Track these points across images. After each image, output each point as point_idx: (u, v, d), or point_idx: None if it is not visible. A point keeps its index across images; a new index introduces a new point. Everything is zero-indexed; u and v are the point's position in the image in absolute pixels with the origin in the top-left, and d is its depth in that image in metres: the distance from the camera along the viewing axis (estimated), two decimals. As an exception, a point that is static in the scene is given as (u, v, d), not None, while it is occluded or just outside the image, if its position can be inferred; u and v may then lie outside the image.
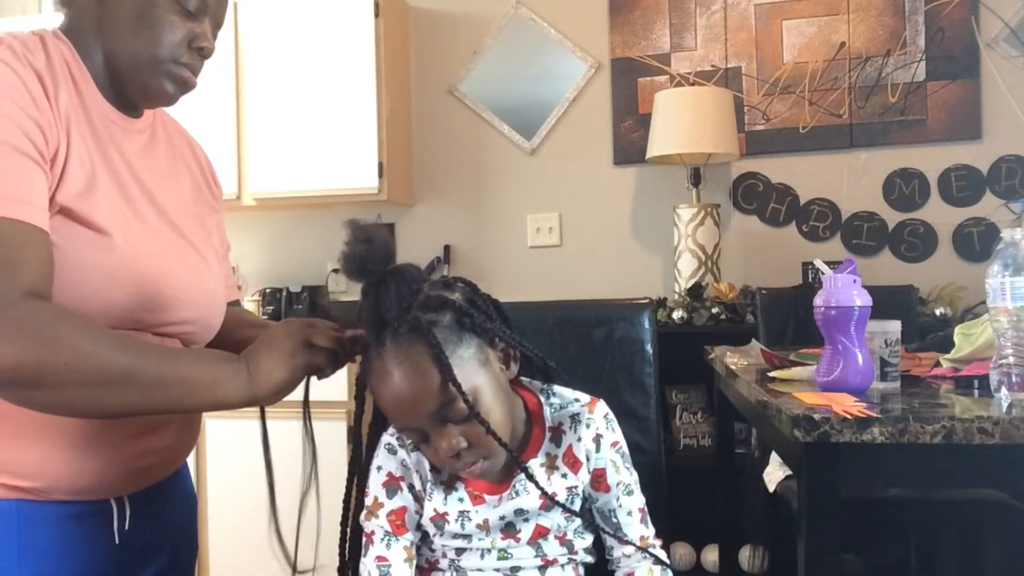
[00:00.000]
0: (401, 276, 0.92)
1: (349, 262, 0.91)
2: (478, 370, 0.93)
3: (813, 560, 1.06)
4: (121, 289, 0.96)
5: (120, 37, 1.00)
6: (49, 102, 0.93)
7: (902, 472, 1.10)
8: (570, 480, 1.02)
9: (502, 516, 1.01)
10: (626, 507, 1.05)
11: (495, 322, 0.97)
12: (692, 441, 2.78)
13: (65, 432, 0.96)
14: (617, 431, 1.06)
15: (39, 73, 0.93)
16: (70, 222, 0.93)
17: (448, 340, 0.90)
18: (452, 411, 0.91)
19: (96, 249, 0.94)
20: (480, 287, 1.00)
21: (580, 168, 3.16)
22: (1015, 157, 2.85)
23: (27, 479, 0.96)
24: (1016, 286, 1.07)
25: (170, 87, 1.04)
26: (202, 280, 1.10)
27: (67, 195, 0.93)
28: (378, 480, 1.03)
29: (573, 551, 1.04)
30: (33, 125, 0.90)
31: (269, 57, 3.03)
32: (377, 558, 1.00)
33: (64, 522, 0.99)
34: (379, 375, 0.91)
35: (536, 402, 1.05)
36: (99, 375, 0.86)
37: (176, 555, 1.17)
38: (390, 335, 0.90)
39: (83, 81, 1.00)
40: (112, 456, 1.00)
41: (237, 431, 2.66)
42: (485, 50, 3.22)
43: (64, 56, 0.99)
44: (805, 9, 2.98)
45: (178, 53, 1.02)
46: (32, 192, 0.88)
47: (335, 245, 0.93)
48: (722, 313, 2.66)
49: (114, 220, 0.97)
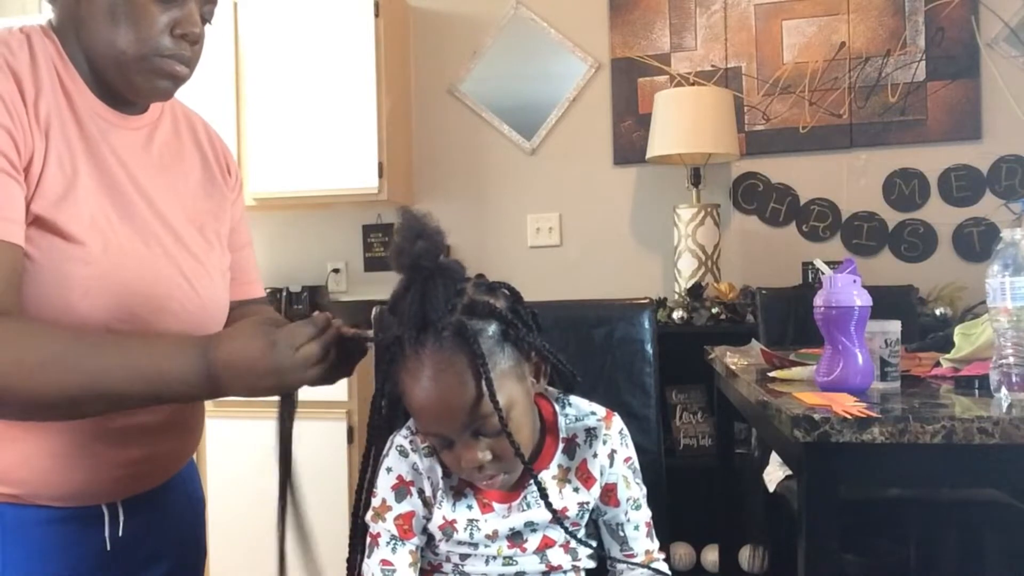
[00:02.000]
0: (448, 274, 0.88)
1: (403, 257, 0.87)
2: (515, 385, 0.91)
3: (813, 560, 1.06)
4: (96, 299, 0.92)
5: (98, 34, 0.95)
6: (26, 106, 0.90)
7: (902, 472, 1.10)
8: (582, 495, 1.01)
9: (512, 527, 0.99)
10: (634, 521, 1.04)
11: (535, 335, 0.94)
12: (692, 441, 2.78)
13: (47, 440, 0.93)
14: (630, 446, 1.05)
15: (18, 75, 0.90)
16: (44, 232, 0.90)
17: (491, 352, 0.88)
18: (485, 426, 0.89)
19: (70, 260, 0.91)
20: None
21: (580, 168, 3.16)
22: (1015, 157, 2.85)
23: (8, 485, 0.94)
24: (1016, 286, 1.07)
25: (158, 82, 0.98)
26: (196, 288, 1.05)
27: (42, 204, 0.90)
28: (387, 482, 1.00)
29: (577, 558, 1.03)
30: (4, 136, 0.86)
31: (269, 57, 3.03)
32: (382, 561, 0.98)
33: (50, 525, 0.96)
34: (414, 375, 0.88)
35: (551, 411, 1.03)
36: (61, 393, 0.84)
37: (181, 559, 1.13)
38: (432, 336, 0.87)
39: (70, 80, 0.97)
40: (99, 463, 0.97)
41: (236, 431, 2.66)
42: (485, 50, 3.22)
43: (51, 54, 0.96)
44: (805, 9, 2.98)
45: (161, 45, 0.95)
46: (1, 204, 0.85)
47: (335, 245, 0.91)
48: (722, 313, 2.66)
49: (94, 228, 0.93)
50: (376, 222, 3.28)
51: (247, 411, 2.31)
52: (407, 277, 0.88)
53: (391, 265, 0.89)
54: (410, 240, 0.86)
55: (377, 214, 3.26)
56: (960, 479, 1.39)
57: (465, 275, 0.92)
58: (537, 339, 0.94)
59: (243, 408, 0.99)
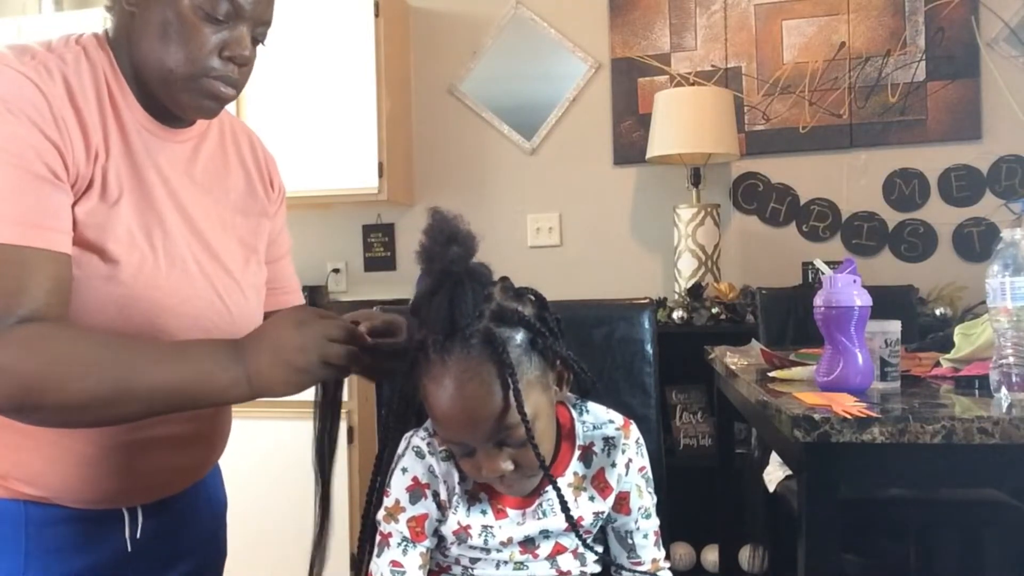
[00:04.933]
0: (477, 278, 0.86)
1: (434, 261, 0.85)
2: (540, 395, 0.90)
3: (813, 560, 1.06)
4: (129, 318, 0.93)
5: (149, 50, 0.95)
6: (78, 122, 0.90)
7: (902, 472, 1.10)
8: (597, 505, 1.00)
9: (526, 534, 0.98)
10: (643, 530, 1.03)
11: (561, 343, 0.93)
12: (692, 441, 2.78)
13: (71, 448, 0.94)
14: (645, 456, 1.03)
15: (71, 90, 0.91)
16: (82, 250, 0.91)
17: (519, 361, 0.86)
18: (510, 436, 0.87)
19: (104, 278, 0.92)
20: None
21: (580, 168, 3.16)
22: (1015, 157, 2.84)
23: (33, 488, 0.95)
24: (1016, 286, 1.07)
25: (204, 102, 0.98)
26: (229, 306, 1.04)
27: (83, 221, 0.90)
28: (402, 483, 0.97)
29: (584, 564, 1.03)
30: (50, 147, 0.87)
31: (269, 57, 3.02)
32: (392, 562, 0.97)
33: (72, 524, 0.98)
34: (439, 381, 0.86)
35: (568, 417, 1.01)
36: (94, 397, 0.85)
37: (201, 560, 1.14)
38: (460, 343, 0.85)
39: (120, 93, 0.97)
40: (124, 472, 0.98)
41: (246, 431, 2.65)
42: (485, 50, 3.22)
43: (103, 67, 0.96)
44: (805, 9, 2.98)
45: (209, 66, 0.95)
46: (43, 214, 0.86)
47: (335, 245, 0.91)
48: (722, 313, 2.66)
49: (131, 247, 0.94)
50: (376, 222, 3.28)
51: (264, 412, 2.31)
52: (435, 280, 0.86)
53: (419, 266, 0.87)
54: (442, 243, 0.85)
55: (377, 214, 3.26)
56: (960, 479, 1.39)
57: (492, 278, 0.90)
58: (563, 348, 0.93)
59: (261, 408, 0.99)
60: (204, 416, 1.06)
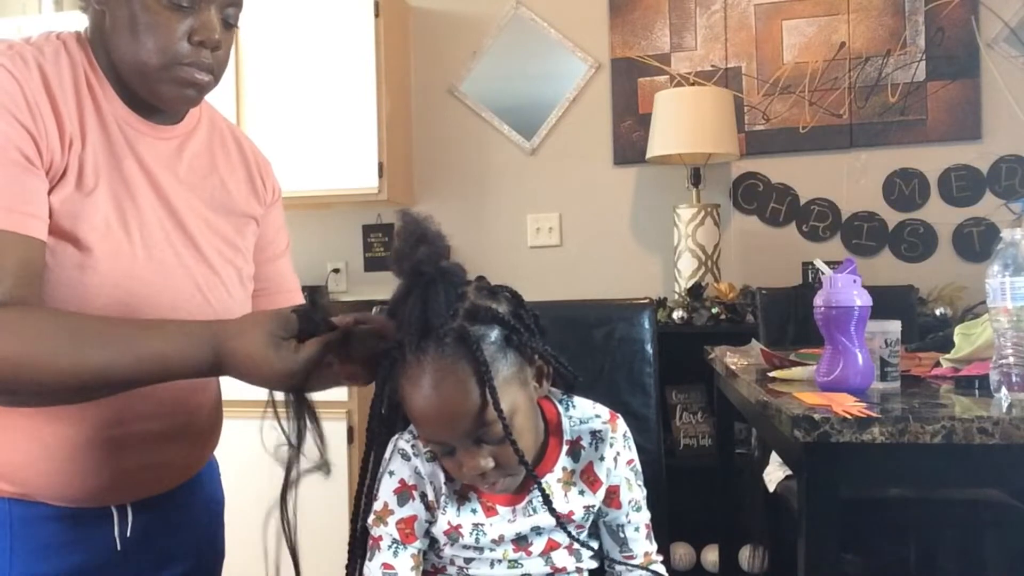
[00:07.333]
0: (450, 278, 0.87)
1: (404, 262, 0.86)
2: (517, 391, 0.91)
3: (813, 560, 1.06)
4: (105, 307, 0.92)
5: (122, 46, 0.96)
6: (53, 111, 0.91)
7: (902, 472, 1.10)
8: (587, 499, 1.00)
9: (518, 531, 0.98)
10: (634, 523, 1.04)
11: (538, 340, 0.93)
12: (692, 441, 2.78)
13: (48, 444, 0.93)
14: (633, 449, 1.04)
15: (47, 79, 0.91)
16: (57, 239, 0.90)
17: (494, 358, 0.87)
18: (488, 433, 0.88)
19: (79, 267, 0.91)
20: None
21: (580, 168, 3.16)
22: (1015, 157, 2.84)
23: (13, 485, 0.94)
24: (1016, 286, 1.07)
25: (182, 90, 0.98)
26: (209, 299, 1.04)
27: (58, 210, 0.90)
28: (389, 486, 0.99)
29: (580, 559, 1.03)
30: (23, 133, 0.87)
31: (269, 57, 3.03)
32: (383, 565, 0.98)
33: (59, 522, 0.97)
34: (415, 382, 0.87)
35: (555, 412, 1.02)
36: (76, 378, 0.84)
37: (197, 561, 1.14)
38: (434, 343, 0.85)
39: (100, 88, 0.98)
40: (102, 469, 0.97)
41: (246, 431, 2.65)
42: (485, 50, 3.22)
43: (82, 62, 0.97)
44: (805, 9, 2.98)
45: (180, 53, 0.96)
46: (14, 197, 0.86)
47: (335, 245, 0.91)
48: (722, 313, 2.66)
49: (106, 237, 0.94)
50: (376, 222, 3.28)
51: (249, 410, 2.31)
52: (408, 282, 0.87)
53: (391, 269, 0.88)
54: (411, 244, 0.85)
55: (377, 214, 3.26)
56: (960, 479, 1.39)
57: (466, 278, 0.91)
58: (540, 343, 0.93)
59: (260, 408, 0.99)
60: (186, 411, 1.05)
